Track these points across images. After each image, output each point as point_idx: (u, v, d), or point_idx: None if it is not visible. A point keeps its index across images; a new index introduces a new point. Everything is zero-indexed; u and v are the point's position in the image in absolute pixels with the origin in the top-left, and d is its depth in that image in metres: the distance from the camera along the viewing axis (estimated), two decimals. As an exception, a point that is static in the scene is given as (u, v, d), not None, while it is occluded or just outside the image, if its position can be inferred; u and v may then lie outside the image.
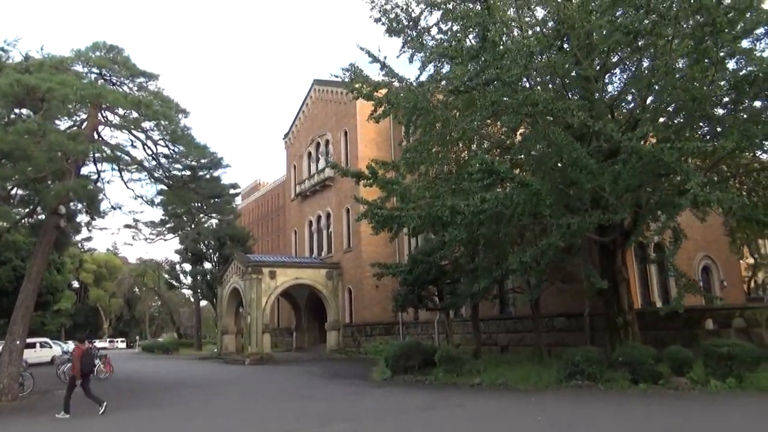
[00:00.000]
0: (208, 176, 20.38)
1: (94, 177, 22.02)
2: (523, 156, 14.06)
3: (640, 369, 12.93)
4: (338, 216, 37.53)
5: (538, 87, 13.22)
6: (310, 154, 42.60)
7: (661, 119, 13.88)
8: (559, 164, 14.00)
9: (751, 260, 36.53)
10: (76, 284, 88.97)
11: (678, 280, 14.51)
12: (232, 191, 24.00)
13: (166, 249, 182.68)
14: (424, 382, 16.81)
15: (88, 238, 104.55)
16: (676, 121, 13.33)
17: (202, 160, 19.76)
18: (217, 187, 20.59)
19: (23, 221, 22.21)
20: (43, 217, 20.79)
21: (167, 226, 56.58)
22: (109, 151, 19.42)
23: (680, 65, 11.63)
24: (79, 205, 25.28)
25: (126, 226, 24.29)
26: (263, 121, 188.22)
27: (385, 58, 16.80)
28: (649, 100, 13.58)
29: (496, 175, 11.94)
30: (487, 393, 13.57)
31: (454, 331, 25.92)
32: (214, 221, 54.41)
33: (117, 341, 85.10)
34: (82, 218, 26.57)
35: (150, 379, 22.59)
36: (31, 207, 20.80)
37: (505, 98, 12.51)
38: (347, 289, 35.88)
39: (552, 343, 22.67)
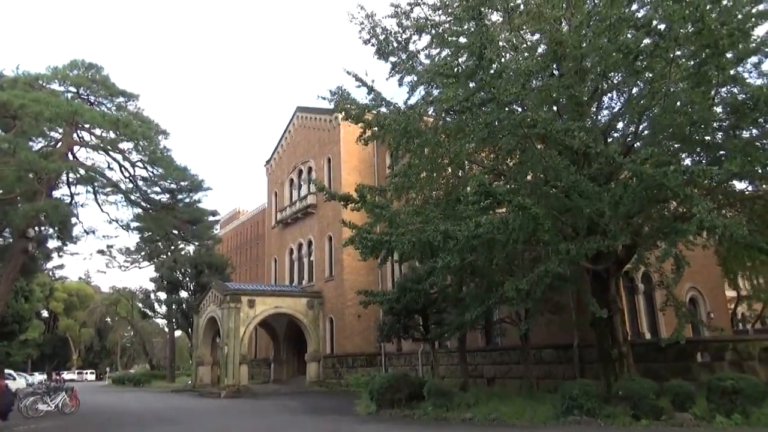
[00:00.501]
0: (187, 199, 19.59)
1: (67, 200, 21.12)
2: (517, 181, 13.61)
3: (641, 403, 12.34)
4: (320, 244, 36.75)
5: (530, 112, 12.86)
6: (292, 181, 41.98)
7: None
8: (554, 189, 13.60)
9: (733, 293, 36.52)
10: (45, 313, 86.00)
11: (678, 311, 14.07)
12: (212, 218, 23.25)
13: (141, 277, 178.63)
14: (412, 416, 15.97)
15: (60, 266, 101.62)
16: (672, 146, 13.03)
17: (182, 183, 19.07)
18: (197, 211, 19.85)
19: (-12, 244, 21.14)
20: (11, 240, 19.74)
21: (142, 253, 55.32)
22: (83, 172, 18.64)
23: (679, 88, 11.38)
24: (51, 230, 24.28)
25: (99, 251, 23.21)
26: (243, 149, 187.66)
27: (372, 81, 16.44)
28: (644, 125, 13.34)
29: (493, 198, 11.44)
30: (480, 429, 12.81)
31: (439, 362, 25.10)
32: (191, 248, 53.23)
33: (86, 373, 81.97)
34: (53, 243, 25.49)
35: (118, 414, 21.27)
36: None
37: (500, 120, 12.10)
38: (328, 318, 34.89)
39: (540, 376, 22.02)
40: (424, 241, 14.02)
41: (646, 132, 12.62)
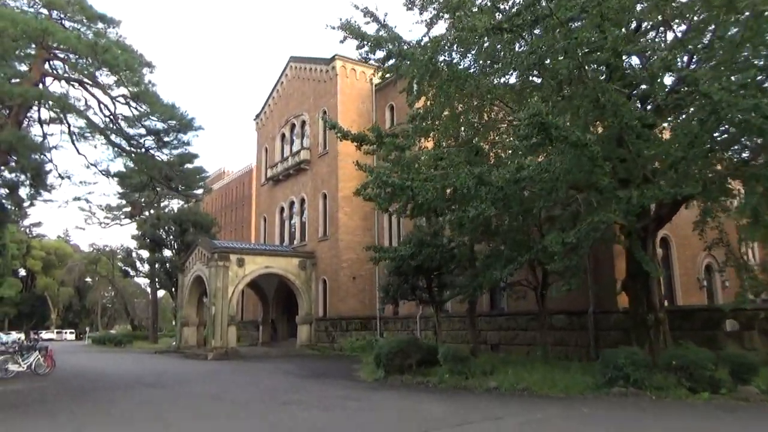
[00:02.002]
0: (175, 142, 17.44)
1: (39, 139, 18.86)
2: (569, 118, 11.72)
3: (698, 375, 10.86)
4: (314, 202, 34.81)
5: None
6: (283, 136, 39.70)
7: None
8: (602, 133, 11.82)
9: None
10: (23, 272, 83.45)
11: (741, 272, 12.50)
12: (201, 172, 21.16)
13: (122, 235, 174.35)
14: (426, 384, 14.42)
15: (37, 223, 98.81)
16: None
17: (170, 122, 16.82)
18: (186, 155, 17.66)
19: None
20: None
21: (124, 209, 52.94)
22: (57, 110, 16.35)
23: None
24: (23, 176, 21.99)
25: (76, 198, 21.12)
26: (228, 106, 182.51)
27: (385, 15, 14.21)
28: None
29: (546, 133, 9.60)
30: (513, 400, 11.26)
31: (442, 327, 23.64)
32: (175, 206, 50.94)
33: (66, 332, 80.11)
34: (27, 192, 23.19)
35: (97, 376, 19.48)
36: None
37: (554, 42, 10.19)
38: (321, 280, 33.21)
39: (551, 343, 20.75)
40: (450, 186, 12.24)
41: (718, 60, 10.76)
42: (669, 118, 12.28)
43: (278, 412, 10.06)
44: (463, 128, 15.65)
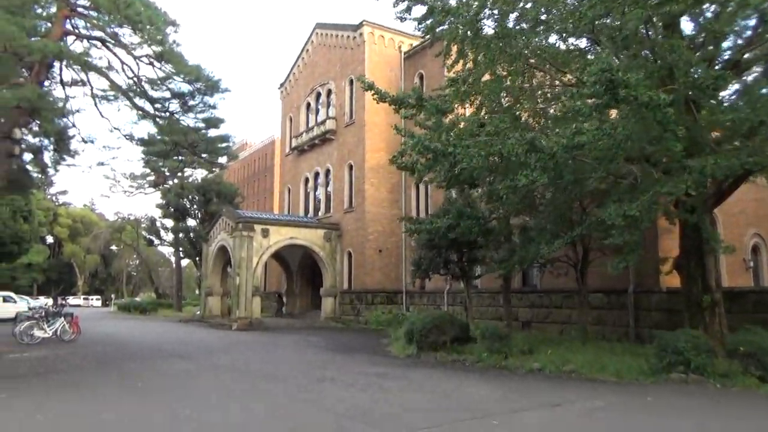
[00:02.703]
0: (201, 105, 16.64)
1: (61, 102, 18.25)
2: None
3: (768, 363, 9.93)
4: (339, 173, 34.00)
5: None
6: (309, 105, 38.75)
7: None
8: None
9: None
10: (50, 239, 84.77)
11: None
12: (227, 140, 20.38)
13: (146, 204, 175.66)
14: (462, 363, 13.70)
15: (63, 191, 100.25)
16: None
17: (196, 84, 16.02)
18: (212, 119, 16.88)
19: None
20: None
21: (148, 178, 52.80)
22: (78, 68, 15.63)
23: None
24: (46, 141, 21.53)
25: (100, 164, 20.55)
26: (250, 76, 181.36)
27: None
28: None
29: (613, 93, 8.56)
30: (563, 384, 10.46)
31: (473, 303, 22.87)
32: (198, 176, 50.61)
33: (92, 299, 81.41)
34: (51, 158, 22.76)
35: (123, 344, 19.18)
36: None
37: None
38: (347, 252, 32.59)
39: (588, 322, 19.92)
40: (497, 154, 11.28)
41: None
42: (743, 78, 11.11)
43: (314, 390, 9.40)
44: (504, 93, 14.60)
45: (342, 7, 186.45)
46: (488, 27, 12.83)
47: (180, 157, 35.97)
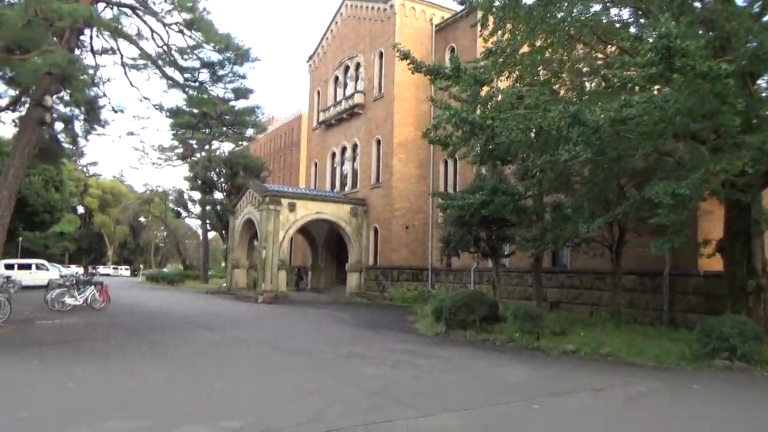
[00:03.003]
0: (231, 75, 16.35)
1: (91, 70, 18.16)
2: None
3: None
4: (367, 147, 33.59)
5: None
6: (337, 78, 38.23)
7: None
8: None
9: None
10: (81, 209, 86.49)
11: None
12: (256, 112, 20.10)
13: (175, 177, 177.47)
14: (493, 342, 13.39)
15: (94, 163, 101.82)
16: None
17: (226, 54, 15.70)
18: (241, 89, 16.59)
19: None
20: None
21: (176, 151, 53.13)
22: (109, 34, 15.43)
23: None
24: (77, 111, 21.56)
25: (129, 134, 20.52)
26: (276, 51, 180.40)
27: None
28: None
29: (669, 61, 7.98)
30: (601, 368, 10.09)
31: (501, 282, 22.49)
32: (225, 149, 50.72)
33: (121, 269, 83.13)
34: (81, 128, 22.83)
35: (152, 314, 19.35)
36: (13, 98, 17.01)
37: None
38: (373, 228, 32.35)
39: (620, 304, 19.41)
40: (537, 128, 10.79)
41: None
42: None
43: (344, 366, 9.20)
44: (541, 66, 14.01)
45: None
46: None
47: (208, 130, 36.00)
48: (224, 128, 20.86)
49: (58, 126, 22.09)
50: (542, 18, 12.01)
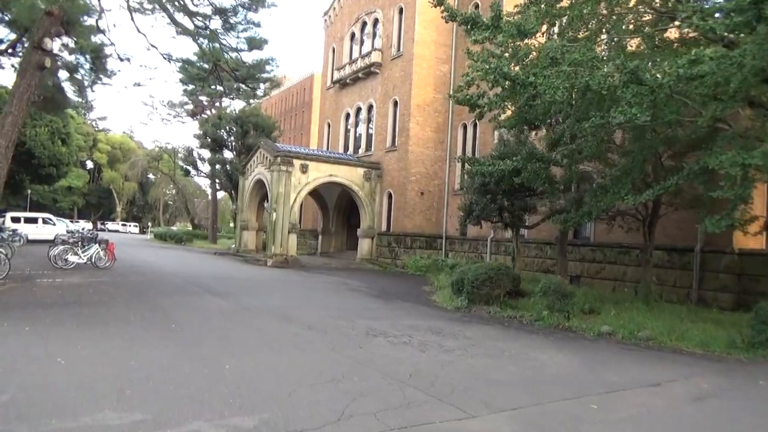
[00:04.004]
0: (244, 22, 15.10)
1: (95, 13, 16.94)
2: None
3: None
4: (382, 109, 32.26)
5: None
6: (353, 35, 36.57)
7: None
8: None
9: None
10: (90, 164, 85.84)
11: None
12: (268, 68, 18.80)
13: (184, 134, 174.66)
14: (519, 320, 12.49)
15: (103, 117, 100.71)
16: None
17: (241, 0, 14.42)
18: (255, 39, 15.34)
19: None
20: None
21: (185, 107, 51.89)
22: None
23: None
24: (83, 59, 20.43)
25: (136, 84, 19.49)
26: (289, 6, 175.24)
27: None
28: None
29: (760, 6, 6.78)
30: (646, 355, 9.18)
31: (522, 253, 21.51)
32: (236, 106, 49.38)
33: (130, 225, 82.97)
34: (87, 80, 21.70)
35: (157, 275, 18.59)
36: (11, 41, 15.87)
37: None
38: (387, 193, 31.31)
39: (651, 281, 18.48)
40: (584, 86, 9.61)
41: None
42: None
43: (366, 347, 8.30)
44: (584, 20, 12.67)
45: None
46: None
47: (217, 87, 34.64)
48: (236, 83, 19.65)
49: (63, 75, 21.04)
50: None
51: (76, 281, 14.76)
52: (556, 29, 12.39)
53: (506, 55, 10.78)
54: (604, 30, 12.94)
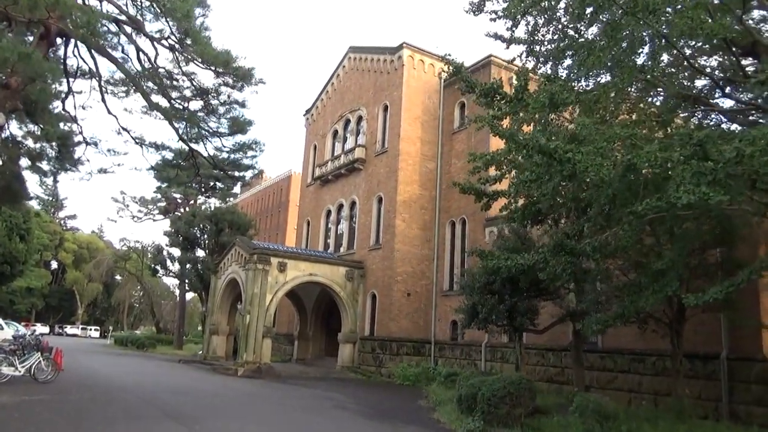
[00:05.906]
0: (227, 104, 13.68)
1: (63, 95, 15.52)
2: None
3: None
4: (366, 206, 30.91)
5: None
6: (336, 132, 36.07)
7: None
8: None
9: None
10: (54, 264, 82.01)
11: None
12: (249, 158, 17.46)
13: (155, 232, 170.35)
14: (551, 450, 10.17)
15: (72, 216, 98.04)
16: None
17: (224, 78, 13.11)
18: (239, 120, 13.89)
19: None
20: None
21: (158, 204, 50.11)
22: (84, 30, 12.75)
23: None
24: (48, 146, 18.86)
25: (101, 170, 18.00)
26: (269, 107, 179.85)
27: None
28: None
29: None
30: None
31: (526, 360, 19.31)
32: (212, 204, 47.81)
33: (90, 329, 77.88)
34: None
35: (108, 391, 15.72)
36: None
37: None
38: (370, 294, 29.13)
39: (663, 391, 16.40)
40: (629, 164, 8.15)
41: None
42: None
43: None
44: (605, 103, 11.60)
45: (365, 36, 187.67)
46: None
47: (192, 184, 33.11)
48: (215, 170, 18.06)
49: (24, 163, 19.23)
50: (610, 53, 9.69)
51: (3, 401, 11.97)
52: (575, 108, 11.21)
53: (538, 128, 9.37)
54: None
